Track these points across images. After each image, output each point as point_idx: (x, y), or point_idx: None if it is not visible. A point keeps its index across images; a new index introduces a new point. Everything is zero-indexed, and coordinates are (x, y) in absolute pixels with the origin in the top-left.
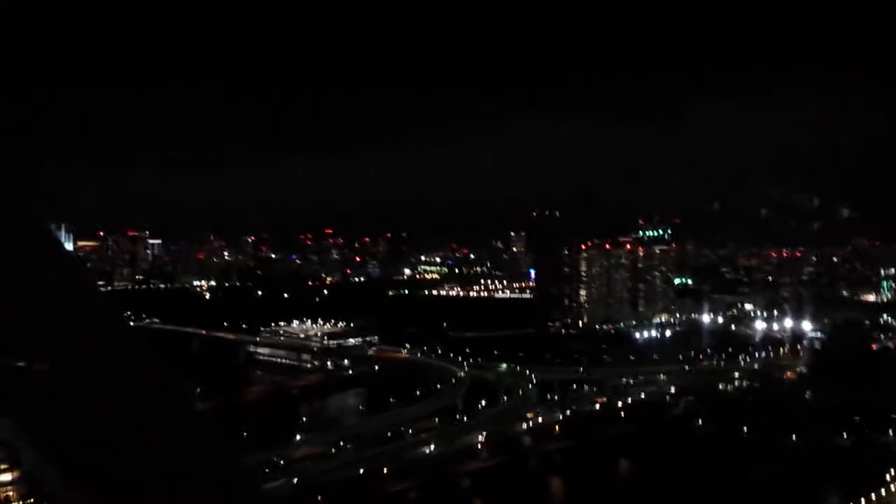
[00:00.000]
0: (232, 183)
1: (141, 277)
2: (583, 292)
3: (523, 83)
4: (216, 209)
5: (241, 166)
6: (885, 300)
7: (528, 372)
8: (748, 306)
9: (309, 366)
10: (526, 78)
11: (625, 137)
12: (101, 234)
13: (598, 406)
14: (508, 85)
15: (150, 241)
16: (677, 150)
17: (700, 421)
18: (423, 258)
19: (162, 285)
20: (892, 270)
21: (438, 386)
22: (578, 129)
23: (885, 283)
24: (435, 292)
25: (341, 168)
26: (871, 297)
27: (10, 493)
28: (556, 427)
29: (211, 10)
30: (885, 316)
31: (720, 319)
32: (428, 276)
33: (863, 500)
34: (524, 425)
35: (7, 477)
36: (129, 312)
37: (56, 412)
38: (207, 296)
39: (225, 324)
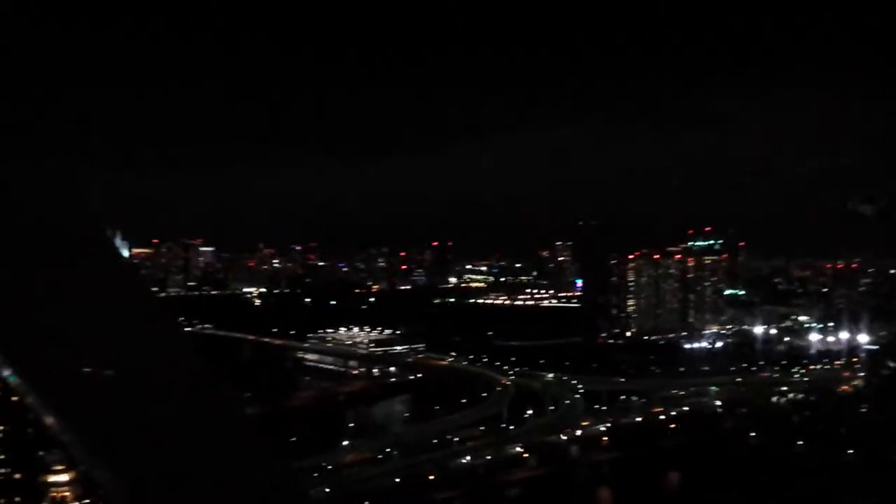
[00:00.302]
0: (281, 192)
1: (193, 284)
2: (631, 302)
3: (573, 88)
4: (267, 218)
5: (290, 175)
6: None
7: (574, 382)
8: (802, 318)
9: (355, 372)
10: (576, 83)
11: (675, 146)
12: (156, 241)
13: (646, 417)
14: (556, 89)
15: (203, 249)
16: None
17: (752, 434)
18: (468, 267)
19: (214, 292)
20: None
21: (484, 394)
22: (627, 137)
23: None
24: (480, 301)
25: (386, 176)
26: None
27: (67, 494)
28: (604, 437)
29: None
30: None
31: (773, 331)
32: (473, 285)
33: None
34: (570, 435)
35: (65, 478)
36: (181, 318)
37: (112, 415)
38: (257, 302)
39: (274, 330)
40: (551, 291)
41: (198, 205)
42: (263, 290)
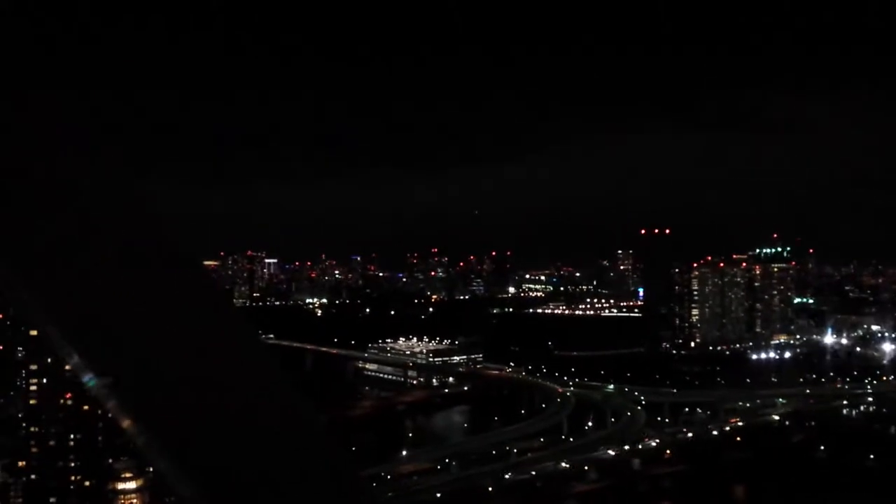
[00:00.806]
0: (343, 203)
1: (258, 295)
2: (695, 311)
3: (632, 95)
4: (329, 230)
5: (351, 187)
6: None
7: (636, 393)
8: (875, 327)
9: (415, 382)
10: (636, 90)
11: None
12: (222, 253)
13: (711, 430)
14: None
15: (267, 261)
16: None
17: (822, 447)
18: (527, 276)
19: (277, 302)
20: None
21: (543, 405)
22: (692, 145)
23: None
24: (540, 310)
25: (446, 187)
26: None
27: (135, 501)
28: (667, 450)
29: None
30: None
31: (844, 341)
32: (533, 294)
33: None
34: (633, 448)
35: (133, 485)
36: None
37: (190, 423)
38: (319, 313)
39: (335, 340)
40: (612, 300)
41: (262, 218)
42: (325, 300)
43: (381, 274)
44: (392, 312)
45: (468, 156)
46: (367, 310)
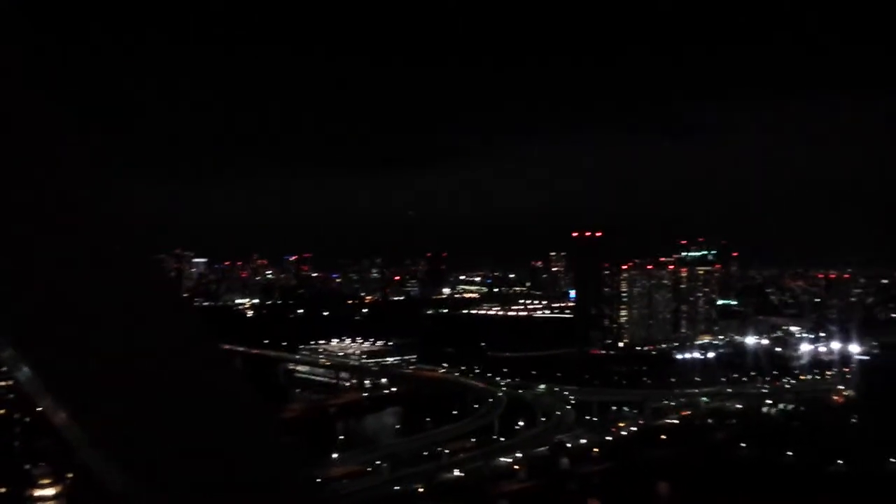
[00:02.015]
0: (276, 203)
1: (186, 296)
2: (624, 313)
3: (564, 101)
4: (261, 229)
5: (285, 187)
6: None
7: (566, 393)
8: (794, 328)
9: (347, 384)
10: (568, 96)
11: (668, 157)
12: None
13: (637, 428)
14: (547, 104)
15: (196, 260)
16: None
17: (743, 445)
18: (462, 277)
19: (206, 303)
20: None
21: (476, 406)
22: (619, 149)
23: None
24: (474, 311)
25: (381, 189)
26: None
27: None
28: (595, 449)
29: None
30: None
31: (765, 341)
32: (467, 296)
33: None
34: (561, 446)
35: (51, 491)
36: None
37: (132, 415)
38: (249, 313)
39: (266, 341)
40: (545, 302)
41: (191, 216)
42: (256, 301)
43: (314, 274)
44: (325, 313)
45: (405, 158)
46: (300, 311)
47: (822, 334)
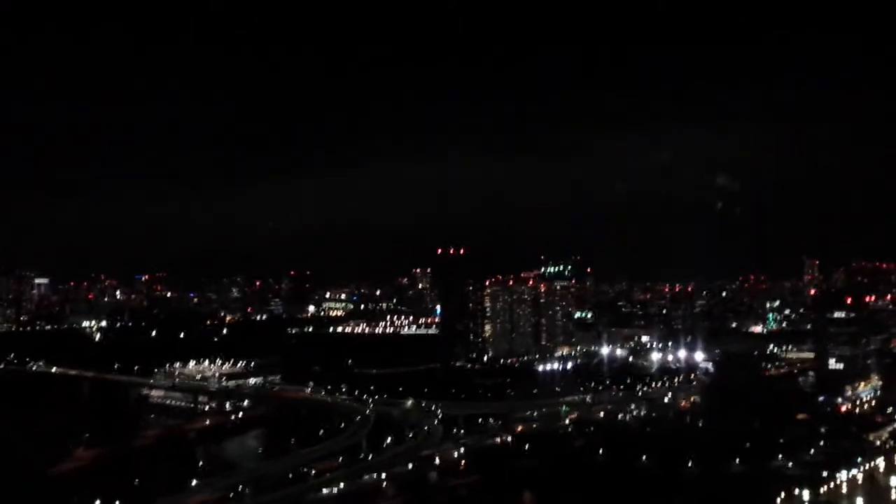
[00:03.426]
0: (125, 219)
1: (25, 318)
2: (487, 327)
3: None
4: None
5: (134, 200)
6: (770, 331)
7: (433, 408)
8: (644, 338)
9: (206, 408)
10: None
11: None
12: None
13: (501, 440)
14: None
15: (37, 281)
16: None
17: (601, 451)
18: (327, 295)
19: (49, 326)
20: (777, 303)
21: (342, 425)
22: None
23: (770, 316)
24: (340, 329)
25: (241, 202)
26: (758, 329)
27: None
28: (462, 462)
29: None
30: (771, 346)
31: (619, 352)
32: (333, 313)
33: None
34: (429, 461)
35: None
36: (11, 356)
37: None
38: (97, 337)
39: (116, 366)
40: (411, 318)
41: (33, 234)
42: (104, 323)
43: (169, 294)
44: (182, 335)
45: (263, 170)
46: (154, 332)
47: (670, 343)
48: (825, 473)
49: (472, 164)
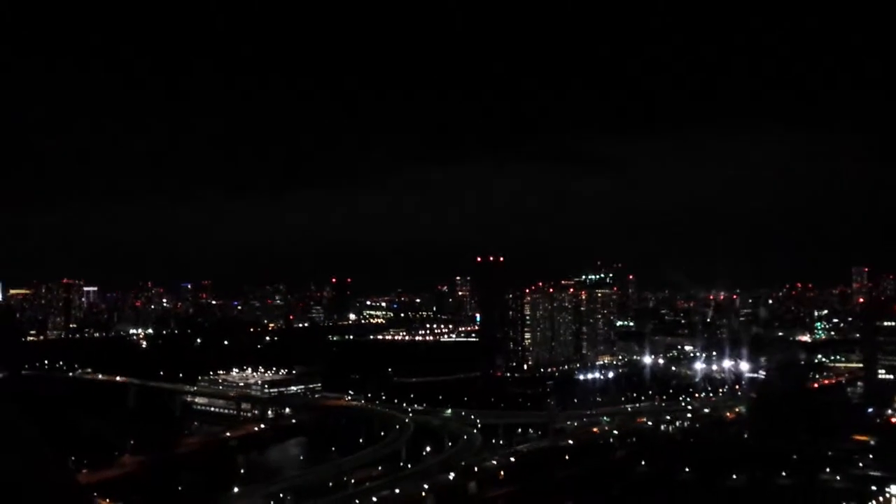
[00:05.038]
0: (172, 228)
1: (75, 326)
2: (527, 335)
3: (467, 129)
4: (155, 256)
5: (182, 212)
6: (818, 340)
7: (472, 416)
8: (687, 347)
9: (249, 415)
10: (471, 124)
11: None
12: (35, 281)
13: (541, 448)
14: (453, 132)
15: (86, 289)
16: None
17: (642, 462)
18: (368, 303)
19: (97, 334)
20: (825, 312)
21: (382, 433)
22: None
23: (818, 325)
24: (380, 337)
25: (285, 214)
26: (805, 338)
27: None
28: (501, 472)
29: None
30: (818, 356)
31: (661, 361)
32: (373, 321)
33: None
34: (468, 470)
35: None
36: (59, 363)
37: None
38: (144, 344)
39: (161, 373)
40: (451, 326)
41: (82, 244)
42: (150, 331)
43: (213, 302)
44: (226, 342)
45: (305, 182)
46: (198, 340)
47: (714, 353)
48: (874, 487)
49: (511, 174)
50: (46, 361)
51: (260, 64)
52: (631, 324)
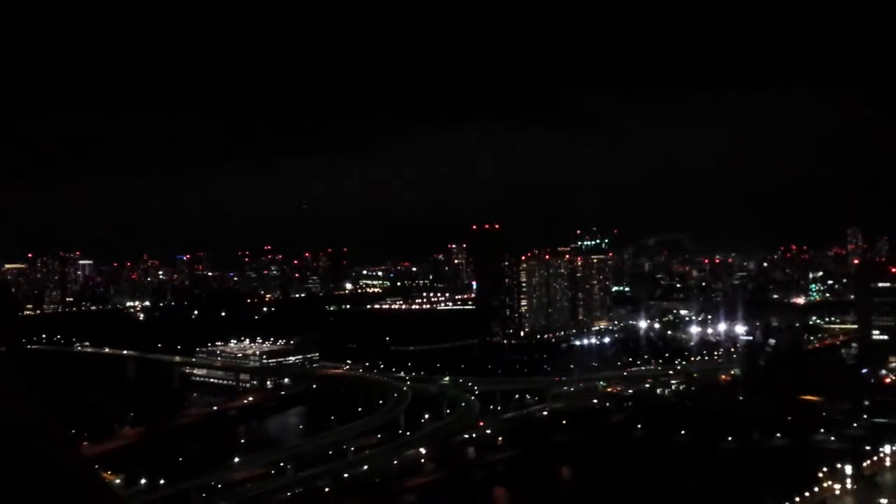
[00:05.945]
0: (167, 200)
1: (71, 300)
2: (524, 302)
3: (461, 95)
4: (151, 228)
5: (176, 183)
6: (813, 302)
7: (470, 384)
8: (683, 311)
9: (247, 386)
10: (464, 90)
11: (562, 149)
12: (30, 255)
13: (538, 415)
14: (445, 98)
15: (81, 262)
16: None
17: (639, 426)
18: (364, 272)
19: (93, 307)
20: (820, 274)
21: (380, 401)
22: (515, 140)
23: (812, 287)
24: (377, 306)
25: (279, 184)
26: (800, 300)
27: None
28: (499, 437)
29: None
30: (813, 317)
31: (657, 325)
32: (370, 290)
33: (797, 498)
34: (467, 437)
35: None
36: (57, 336)
37: None
38: (141, 317)
39: (159, 345)
40: (447, 294)
41: (77, 217)
42: (147, 303)
43: (210, 274)
44: (223, 314)
45: (300, 150)
46: (196, 312)
47: (709, 317)
48: (868, 447)
49: (507, 140)
50: (44, 335)
51: (248, 34)
52: (627, 289)
